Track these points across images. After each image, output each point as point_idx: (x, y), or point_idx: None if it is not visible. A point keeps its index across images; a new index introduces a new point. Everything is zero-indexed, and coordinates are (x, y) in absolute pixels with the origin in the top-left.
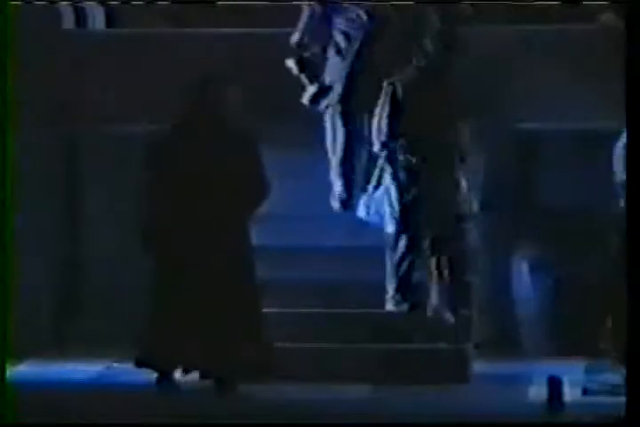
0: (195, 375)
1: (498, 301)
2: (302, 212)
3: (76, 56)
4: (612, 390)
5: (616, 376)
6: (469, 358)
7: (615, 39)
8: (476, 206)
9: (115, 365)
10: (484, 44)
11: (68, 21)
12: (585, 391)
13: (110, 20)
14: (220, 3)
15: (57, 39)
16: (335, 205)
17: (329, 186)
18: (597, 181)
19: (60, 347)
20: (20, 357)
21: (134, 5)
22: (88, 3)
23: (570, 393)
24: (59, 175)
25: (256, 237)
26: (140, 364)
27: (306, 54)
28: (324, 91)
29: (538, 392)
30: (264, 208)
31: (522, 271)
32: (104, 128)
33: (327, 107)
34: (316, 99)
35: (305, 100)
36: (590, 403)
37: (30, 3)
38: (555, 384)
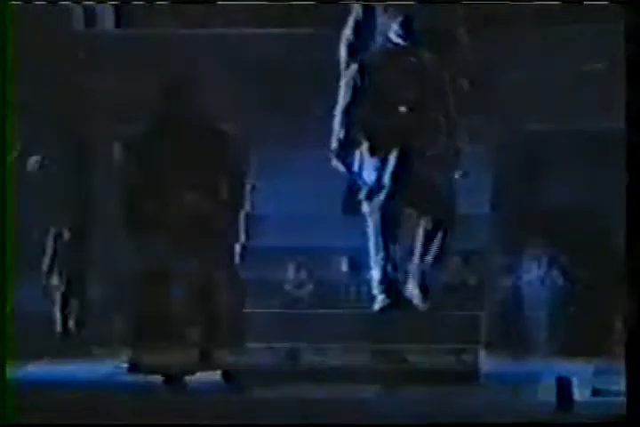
0: (201, 375)
1: (508, 301)
2: (297, 212)
3: (86, 56)
4: (622, 391)
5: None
6: (479, 357)
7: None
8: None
9: (123, 365)
10: (484, 45)
11: (78, 22)
12: (594, 392)
13: (120, 21)
14: (219, 3)
15: (67, 39)
16: (380, 298)
17: (324, 186)
18: (601, 181)
19: (69, 347)
20: (28, 357)
21: (143, 6)
22: (89, 3)
23: (579, 394)
24: (68, 174)
25: (250, 237)
26: (132, 369)
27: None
28: (375, 189)
29: (547, 393)
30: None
31: (533, 272)
32: (113, 128)
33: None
34: (370, 196)
35: (361, 196)
36: (599, 403)
37: (31, 3)
38: (564, 385)
